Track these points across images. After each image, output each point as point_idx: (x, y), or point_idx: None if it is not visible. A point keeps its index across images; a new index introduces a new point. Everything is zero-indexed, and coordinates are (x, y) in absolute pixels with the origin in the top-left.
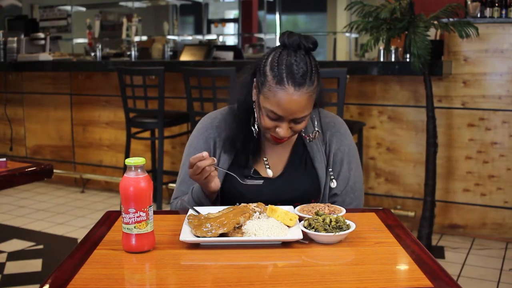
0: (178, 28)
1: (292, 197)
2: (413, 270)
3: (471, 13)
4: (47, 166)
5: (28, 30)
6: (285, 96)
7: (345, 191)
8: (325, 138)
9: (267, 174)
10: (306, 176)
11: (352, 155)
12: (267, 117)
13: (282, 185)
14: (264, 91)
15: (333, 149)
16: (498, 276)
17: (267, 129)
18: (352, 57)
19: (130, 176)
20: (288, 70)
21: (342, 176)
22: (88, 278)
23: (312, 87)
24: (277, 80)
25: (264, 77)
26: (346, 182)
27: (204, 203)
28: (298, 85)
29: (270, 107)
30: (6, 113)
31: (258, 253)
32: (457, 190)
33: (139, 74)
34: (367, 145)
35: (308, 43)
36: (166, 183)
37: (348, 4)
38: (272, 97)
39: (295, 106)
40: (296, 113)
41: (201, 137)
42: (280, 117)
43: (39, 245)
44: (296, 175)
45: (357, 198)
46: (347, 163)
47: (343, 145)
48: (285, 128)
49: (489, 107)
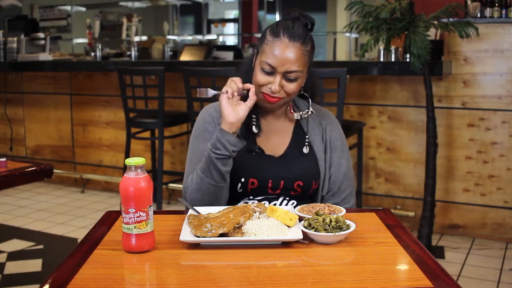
0: (178, 28)
1: (292, 175)
2: (413, 270)
3: (471, 13)
4: (47, 166)
5: (28, 30)
6: (279, 45)
7: (341, 177)
8: (321, 125)
9: (271, 152)
10: (306, 158)
11: (344, 144)
12: (261, 72)
13: (284, 164)
14: (262, 48)
15: (328, 136)
16: (498, 276)
17: (260, 85)
18: (352, 57)
19: (130, 176)
20: (285, 27)
21: (337, 162)
22: (88, 278)
23: (306, 47)
24: (274, 35)
25: (263, 38)
26: (341, 168)
27: (223, 146)
28: (293, 38)
29: (265, 58)
30: (6, 113)
31: (258, 253)
32: (457, 190)
33: (139, 74)
34: (367, 145)
35: (307, 18)
36: (166, 183)
37: (348, 4)
38: (267, 49)
39: (288, 56)
40: (288, 65)
41: (207, 117)
42: (273, 69)
43: (39, 245)
44: (297, 156)
45: (350, 185)
46: (341, 151)
47: (336, 133)
48: (277, 83)
49: (489, 107)
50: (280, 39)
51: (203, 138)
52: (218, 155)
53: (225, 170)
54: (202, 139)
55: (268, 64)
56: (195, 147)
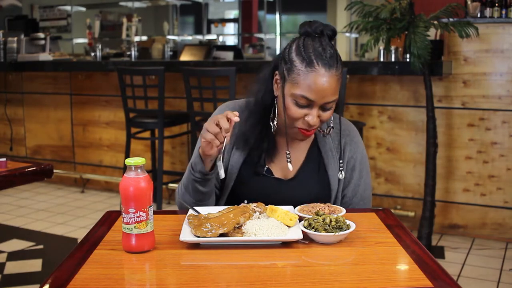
0: (178, 28)
1: (301, 200)
2: (413, 270)
3: (471, 13)
4: (47, 166)
5: (28, 30)
6: (316, 77)
7: (355, 198)
8: (340, 144)
9: (280, 174)
10: (318, 181)
11: (363, 163)
12: (295, 106)
13: (293, 188)
14: (292, 77)
15: (347, 156)
16: (498, 276)
17: (295, 119)
18: (352, 57)
19: (130, 176)
20: (316, 53)
21: (353, 183)
22: (88, 278)
23: (340, 71)
24: (306, 63)
25: (291, 63)
26: (357, 190)
27: (198, 168)
28: (329, 66)
29: (301, 92)
30: (6, 113)
31: (258, 253)
32: (457, 190)
33: (139, 74)
34: (367, 145)
35: (329, 30)
36: (166, 183)
37: (348, 4)
38: (302, 81)
39: (326, 88)
40: (327, 96)
41: None
42: (311, 102)
43: (39, 245)
44: (308, 179)
45: (366, 205)
46: (359, 171)
47: (356, 153)
48: (315, 115)
49: (489, 107)
50: (315, 70)
51: None
52: (195, 177)
53: (205, 190)
54: None
55: (305, 98)
56: None
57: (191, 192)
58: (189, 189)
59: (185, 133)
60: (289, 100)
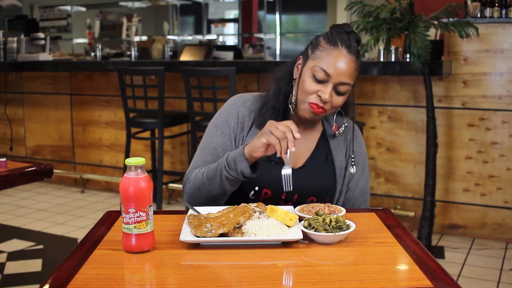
0: (178, 28)
1: (308, 191)
2: (413, 270)
3: (471, 13)
4: (47, 166)
5: (28, 30)
6: (338, 55)
7: (357, 193)
8: (346, 140)
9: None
10: (324, 173)
11: (365, 160)
12: (311, 79)
13: (301, 178)
14: (315, 54)
15: (352, 151)
16: (498, 276)
17: (308, 93)
18: None
19: (130, 176)
20: (341, 38)
21: (355, 179)
22: (88, 278)
23: (358, 64)
24: (331, 43)
25: (317, 44)
26: (359, 185)
27: (240, 168)
28: (350, 50)
29: (321, 64)
30: (6, 113)
31: (258, 253)
32: (457, 190)
33: (139, 74)
34: (367, 145)
35: (357, 36)
36: (166, 183)
37: (348, 4)
38: (323, 56)
39: (344, 67)
40: (343, 75)
41: (234, 111)
42: (327, 77)
43: (39, 245)
44: (316, 170)
45: (365, 201)
46: (361, 168)
47: (360, 149)
48: (328, 92)
49: (489, 107)
50: (338, 49)
51: (221, 130)
52: (229, 175)
53: (230, 189)
54: (220, 131)
55: (323, 70)
56: (211, 137)
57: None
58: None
59: (185, 133)
60: (307, 74)
